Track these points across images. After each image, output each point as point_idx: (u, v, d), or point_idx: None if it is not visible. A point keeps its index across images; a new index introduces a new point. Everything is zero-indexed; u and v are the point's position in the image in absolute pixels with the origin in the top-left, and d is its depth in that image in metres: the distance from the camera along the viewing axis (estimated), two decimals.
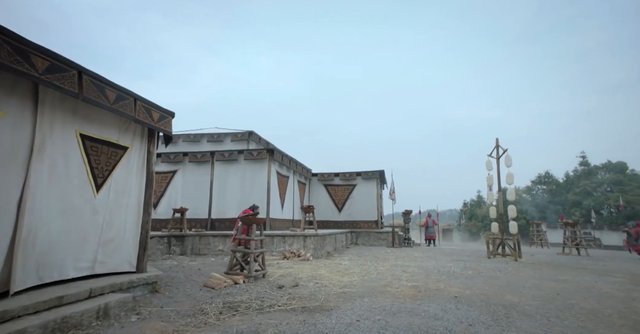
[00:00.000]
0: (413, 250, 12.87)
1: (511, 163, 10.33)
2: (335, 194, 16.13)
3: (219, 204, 11.05)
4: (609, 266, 9.59)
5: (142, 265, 4.36)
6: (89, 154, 3.76)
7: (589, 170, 40.48)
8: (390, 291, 5.05)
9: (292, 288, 5.06)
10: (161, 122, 4.64)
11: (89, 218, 3.76)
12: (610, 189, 37.47)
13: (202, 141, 14.20)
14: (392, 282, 5.81)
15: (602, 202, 36.63)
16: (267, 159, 11.30)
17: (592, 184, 38.29)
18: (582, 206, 36.81)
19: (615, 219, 34.87)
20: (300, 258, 8.26)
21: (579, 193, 38.30)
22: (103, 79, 3.58)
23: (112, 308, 3.14)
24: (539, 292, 5.20)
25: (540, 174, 44.87)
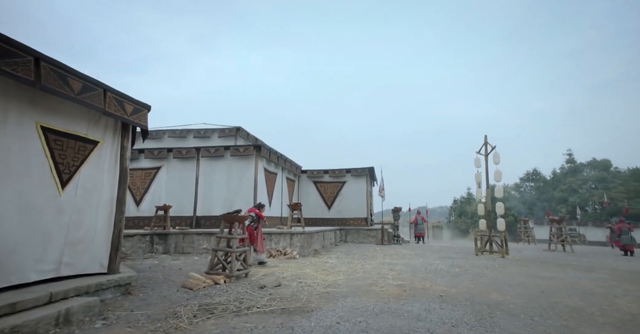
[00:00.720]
0: (402, 247, 12.85)
1: (499, 160, 10.34)
2: (324, 191, 15.99)
3: (205, 201, 10.79)
4: (592, 262, 9.71)
5: (114, 266, 4.14)
6: (52, 149, 3.51)
7: (575, 167, 41.30)
8: (375, 291, 4.94)
9: (274, 288, 4.90)
10: (135, 115, 4.39)
11: (53, 217, 3.52)
12: (595, 186, 38.30)
13: (189, 137, 13.87)
14: (377, 281, 5.70)
15: (587, 199, 37.43)
16: (254, 155, 11.06)
17: (577, 181, 39.06)
18: (568, 202, 37.55)
19: (599, 215, 35.72)
20: (286, 256, 8.10)
21: (565, 190, 39.05)
22: (66, 67, 3.33)
23: (74, 313, 2.93)
24: (524, 290, 5.16)
25: (529, 172, 45.65)
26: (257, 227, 7.15)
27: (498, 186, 10.47)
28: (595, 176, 38.50)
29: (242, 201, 10.73)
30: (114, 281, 3.91)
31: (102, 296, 3.70)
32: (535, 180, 45.22)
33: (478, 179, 11.13)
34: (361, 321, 3.46)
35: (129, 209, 10.59)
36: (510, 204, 42.97)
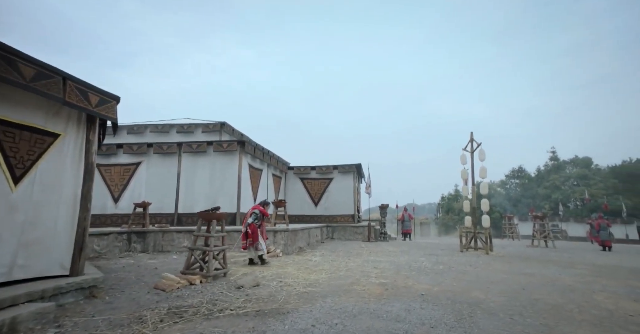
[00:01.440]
0: (388, 244, 12.83)
1: (484, 157, 10.36)
2: (311, 188, 15.84)
3: (187, 198, 10.49)
4: (573, 257, 9.87)
5: (77, 267, 3.87)
6: (1, 141, 3.22)
7: (558, 165, 42.33)
8: (356, 290, 4.82)
9: (252, 288, 4.72)
10: (102, 107, 4.11)
11: (4, 216, 3.24)
12: (576, 183, 39.36)
13: (171, 132, 13.43)
14: (360, 279, 5.58)
15: (569, 196, 38.45)
16: (237, 151, 10.80)
17: (560, 178, 40.07)
18: (551, 199, 38.48)
19: (581, 211, 36.72)
20: (269, 254, 7.91)
21: (548, 187, 40.00)
22: (14, 50, 3.04)
23: (22, 321, 2.68)
24: (505, 287, 5.13)
25: (514, 169, 46.53)
26: (261, 224, 6.98)
27: (483, 183, 10.50)
28: (577, 173, 39.55)
29: (226, 198, 10.48)
30: (76, 284, 3.65)
31: (62, 300, 3.44)
32: (520, 177, 46.17)
33: (464, 176, 11.15)
34: (338, 323, 3.32)
35: (107, 207, 10.21)
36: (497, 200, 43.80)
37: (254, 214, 6.78)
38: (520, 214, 36.54)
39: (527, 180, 44.74)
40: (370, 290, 4.81)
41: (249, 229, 6.65)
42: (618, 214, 30.22)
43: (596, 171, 39.86)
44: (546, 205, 37.85)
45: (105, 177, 10.35)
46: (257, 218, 6.82)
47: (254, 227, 6.72)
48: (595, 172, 39.42)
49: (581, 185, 37.96)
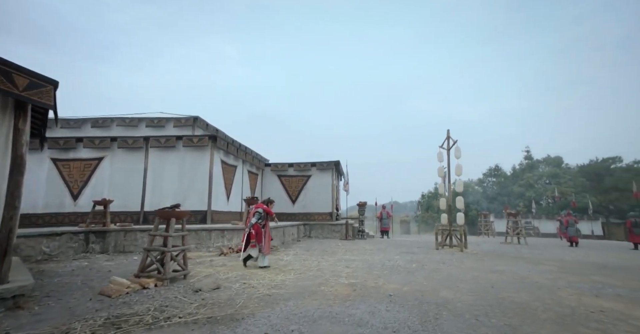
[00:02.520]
0: (365, 243, 12.71)
1: (460, 155, 10.38)
2: (289, 185, 15.52)
3: (154, 195, 9.93)
4: (543, 254, 10.08)
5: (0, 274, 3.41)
6: None
7: (532, 164, 43.85)
8: (323, 291, 4.58)
9: (211, 292, 4.38)
10: (33, 91, 3.63)
11: None
12: (548, 182, 40.90)
13: (140, 126, 12.75)
14: (329, 280, 5.35)
15: (541, 194, 39.89)
16: (209, 146, 10.34)
17: (534, 176, 41.50)
18: (525, 197, 39.79)
19: (552, 209, 38.20)
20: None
21: (523, 185, 41.36)
22: None
23: None
24: (475, 285, 5.04)
25: (491, 167, 47.84)
26: (265, 225, 6.41)
27: (459, 181, 10.53)
28: (548, 172, 41.10)
29: (196, 195, 10.02)
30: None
31: None
32: (497, 175, 47.53)
33: (440, 174, 11.15)
34: (294, 329, 3.06)
35: (64, 204, 9.50)
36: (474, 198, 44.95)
37: (257, 214, 6.25)
38: (496, 211, 37.63)
39: (504, 178, 46.13)
40: (337, 291, 4.59)
41: (253, 230, 6.09)
42: (585, 211, 31.63)
43: (566, 170, 41.56)
44: (520, 203, 39.12)
45: (63, 172, 9.63)
46: (261, 218, 6.25)
47: (258, 228, 6.21)
48: (565, 171, 41.09)
49: (552, 183, 39.48)
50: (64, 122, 11.57)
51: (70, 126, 11.59)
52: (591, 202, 30.97)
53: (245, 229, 6.33)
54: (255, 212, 6.29)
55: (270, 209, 6.51)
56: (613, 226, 33.04)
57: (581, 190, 37.14)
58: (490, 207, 41.00)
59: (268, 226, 6.53)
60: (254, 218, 6.20)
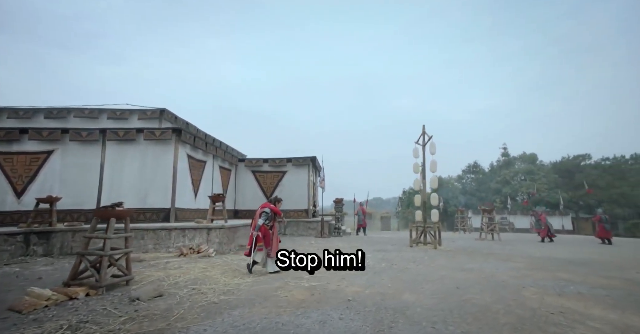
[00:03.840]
0: (341, 240, 12.45)
1: (435, 150, 10.23)
2: (264, 182, 15.03)
3: (112, 192, 9.23)
4: (514, 250, 10.09)
5: None
6: None
7: (508, 160, 45.07)
8: (277, 297, 4.21)
9: (150, 301, 3.92)
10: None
11: None
12: (524, 178, 42.16)
13: (101, 118, 11.84)
14: (289, 283, 4.99)
15: (517, 190, 41.08)
16: (173, 140, 9.71)
17: (510, 173, 42.66)
18: (501, 193, 40.86)
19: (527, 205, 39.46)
20: (199, 254, 7.08)
21: (500, 181, 42.43)
22: None
23: None
24: (440, 286, 4.80)
25: (470, 164, 48.85)
26: (273, 226, 5.81)
27: (433, 177, 10.38)
28: (524, 168, 42.33)
29: (159, 192, 9.41)
30: None
31: None
32: (475, 172, 48.60)
33: (416, 170, 10.98)
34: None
35: (6, 202, 8.67)
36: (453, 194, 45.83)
37: (264, 214, 5.63)
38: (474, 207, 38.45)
39: (482, 175, 47.24)
40: (293, 296, 4.22)
41: (260, 233, 5.51)
42: (556, 207, 32.77)
43: (540, 167, 42.96)
44: (497, 199, 40.15)
45: (4, 167, 8.75)
46: (268, 218, 5.66)
47: (266, 230, 5.63)
48: (539, 168, 42.46)
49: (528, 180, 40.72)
50: (12, 111, 10.57)
51: (20, 116, 10.59)
52: (562, 198, 32.09)
53: (252, 232, 5.61)
54: (262, 213, 5.65)
55: (278, 209, 5.87)
56: (582, 221, 34.47)
57: (554, 186, 38.47)
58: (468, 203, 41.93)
59: (276, 228, 5.92)
60: (261, 219, 5.55)
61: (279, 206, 5.98)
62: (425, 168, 10.66)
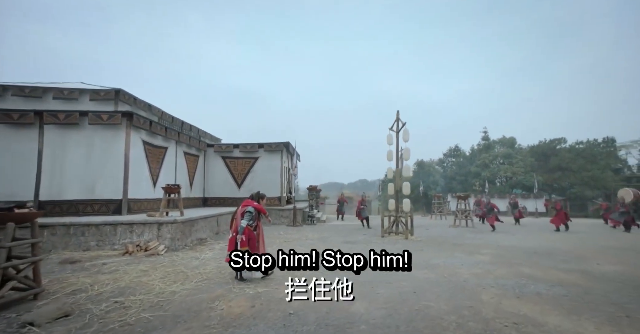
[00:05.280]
0: (312, 229, 12.05)
1: (408, 138, 9.75)
2: (234, 168, 14.30)
3: (54, 182, 8.34)
4: (484, 238, 9.93)
5: None
6: None
7: (488, 144, 45.57)
8: (212, 309, 3.71)
9: (48, 325, 3.29)
10: None
11: None
12: (502, 162, 42.93)
13: (46, 98, 10.60)
14: (233, 289, 4.49)
15: (495, 173, 41.89)
16: (123, 125, 8.78)
17: (489, 157, 43.29)
18: (480, 176, 41.59)
19: (504, 188, 40.40)
20: (147, 253, 6.46)
21: (479, 165, 43.06)
22: None
23: None
24: (396, 291, 4.42)
25: (451, 148, 49.23)
26: (257, 226, 5.08)
27: (405, 165, 9.96)
28: (503, 152, 42.97)
29: (109, 182, 8.60)
30: None
31: None
32: (456, 156, 49.10)
33: (389, 158, 10.51)
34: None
35: None
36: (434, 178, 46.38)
37: (248, 214, 4.87)
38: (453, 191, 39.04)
39: (462, 158, 47.78)
40: (230, 309, 3.73)
41: (244, 236, 4.72)
42: (531, 190, 33.69)
43: (518, 150, 43.73)
44: (477, 182, 40.87)
45: None
46: (252, 218, 4.90)
47: (250, 232, 4.86)
48: (517, 152, 43.23)
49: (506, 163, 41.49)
50: None
51: None
52: (537, 181, 32.90)
53: (232, 234, 4.91)
54: (245, 213, 4.87)
55: (262, 207, 5.14)
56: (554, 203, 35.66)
57: (530, 170, 39.39)
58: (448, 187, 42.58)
59: (261, 227, 5.21)
60: (245, 220, 4.80)
61: (263, 204, 5.24)
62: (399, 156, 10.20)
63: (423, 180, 41.45)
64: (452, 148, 49.42)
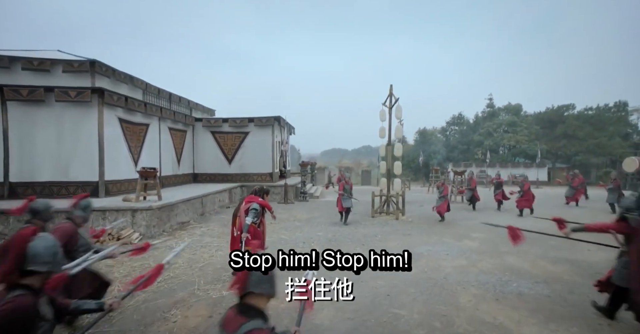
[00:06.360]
0: (303, 207, 11.80)
1: (401, 115, 9.08)
2: (224, 143, 13.79)
3: (24, 163, 7.98)
4: (477, 218, 9.52)
5: None
6: None
7: (493, 112, 44.04)
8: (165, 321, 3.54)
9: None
10: None
11: None
12: (506, 130, 41.75)
13: (14, 69, 9.71)
14: (197, 291, 4.29)
15: (498, 142, 40.96)
16: (96, 102, 8.17)
17: (493, 125, 42.03)
18: (483, 145, 40.74)
19: (507, 157, 39.74)
20: (119, 242, 6.24)
21: (482, 134, 41.98)
22: None
23: None
24: (370, 293, 4.17)
25: (454, 116, 47.77)
26: (261, 222, 4.76)
27: (397, 144, 9.40)
28: (507, 120, 41.62)
29: (83, 163, 8.26)
30: None
31: None
32: (459, 124, 47.79)
33: (382, 135, 9.91)
34: None
35: None
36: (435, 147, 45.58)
37: (253, 211, 4.48)
38: (456, 160, 38.55)
39: (466, 127, 46.51)
40: (185, 321, 3.51)
41: (249, 235, 4.37)
42: (534, 159, 33.17)
43: (524, 118, 42.30)
44: (479, 151, 40.12)
45: None
46: (257, 216, 4.54)
47: (255, 230, 4.56)
48: (523, 119, 41.85)
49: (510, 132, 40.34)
50: None
51: None
52: (540, 150, 32.22)
53: (236, 233, 4.59)
54: (250, 210, 4.49)
55: (267, 203, 4.78)
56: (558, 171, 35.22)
57: (534, 138, 38.39)
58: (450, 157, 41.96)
59: (264, 224, 4.92)
60: (249, 217, 4.42)
61: (267, 199, 4.88)
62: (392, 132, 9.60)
63: (425, 149, 40.77)
64: (456, 116, 47.95)
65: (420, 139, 45.83)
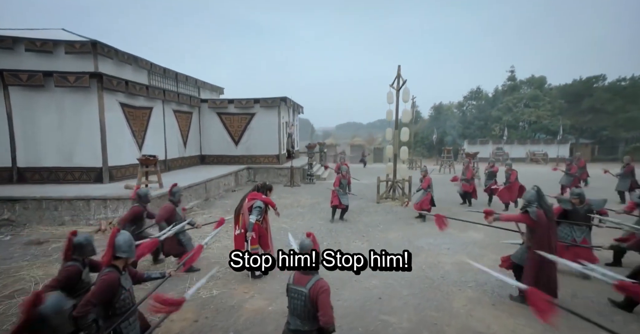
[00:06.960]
0: (309, 190, 11.72)
1: (408, 98, 8.60)
2: (230, 125, 13.62)
3: (30, 148, 8.13)
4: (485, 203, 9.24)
5: None
6: None
7: (514, 85, 41.54)
8: None
9: None
10: None
11: None
12: (527, 104, 39.52)
13: (18, 50, 9.41)
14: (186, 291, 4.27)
15: (518, 118, 38.99)
16: (95, 87, 8.05)
17: (513, 99, 39.80)
18: (501, 121, 38.92)
19: (526, 133, 37.97)
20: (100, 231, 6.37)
21: (501, 109, 39.94)
22: None
23: None
24: (361, 294, 4.12)
25: (472, 90, 45.41)
26: (264, 219, 4.67)
27: (404, 129, 8.96)
28: (529, 94, 39.27)
29: (87, 148, 8.37)
30: None
31: None
32: (477, 98, 45.53)
33: (389, 117, 9.45)
34: None
35: None
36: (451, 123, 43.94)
37: (257, 209, 4.40)
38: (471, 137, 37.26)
39: (484, 101, 44.30)
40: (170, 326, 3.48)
41: (254, 234, 4.34)
42: (555, 135, 31.65)
43: (547, 92, 39.76)
44: (496, 127, 38.41)
45: None
46: (261, 213, 4.48)
47: (260, 229, 4.50)
48: (546, 93, 39.37)
49: (532, 106, 38.18)
50: None
51: None
52: (563, 126, 30.59)
53: (240, 231, 4.47)
54: (254, 208, 4.39)
55: (270, 199, 4.68)
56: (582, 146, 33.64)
57: (558, 113, 36.30)
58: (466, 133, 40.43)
59: (268, 221, 4.80)
60: (253, 215, 4.33)
61: (270, 195, 4.76)
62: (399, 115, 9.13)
63: (439, 126, 39.36)
64: (474, 90, 45.54)
65: (435, 114, 44.14)
